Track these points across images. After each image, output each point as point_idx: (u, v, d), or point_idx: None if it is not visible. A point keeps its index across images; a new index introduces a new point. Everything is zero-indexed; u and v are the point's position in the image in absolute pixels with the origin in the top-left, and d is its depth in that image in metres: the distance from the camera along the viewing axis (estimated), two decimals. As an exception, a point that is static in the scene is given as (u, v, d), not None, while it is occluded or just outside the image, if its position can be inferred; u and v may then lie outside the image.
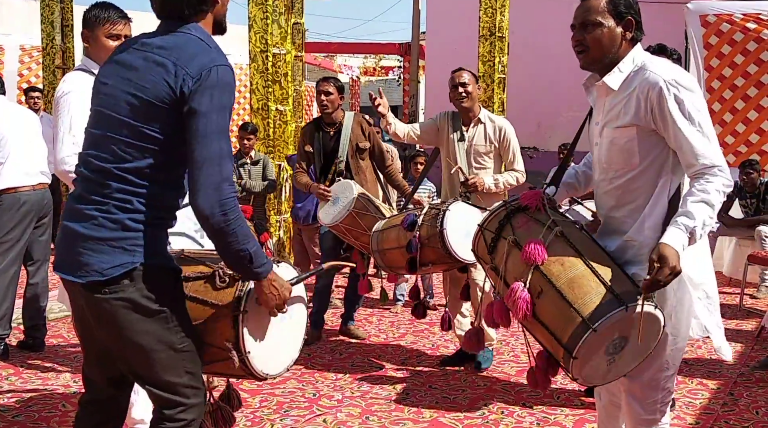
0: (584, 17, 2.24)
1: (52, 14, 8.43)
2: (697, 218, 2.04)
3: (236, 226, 1.91)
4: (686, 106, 2.12)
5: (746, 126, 7.76)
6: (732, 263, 6.99)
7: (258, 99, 6.80)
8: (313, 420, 3.55)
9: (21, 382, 4.00)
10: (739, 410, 3.71)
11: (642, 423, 2.34)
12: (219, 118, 1.90)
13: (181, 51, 1.93)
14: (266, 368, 2.18)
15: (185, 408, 2.04)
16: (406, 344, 4.91)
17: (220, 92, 1.91)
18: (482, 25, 8.86)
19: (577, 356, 2.01)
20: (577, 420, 3.55)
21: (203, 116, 1.88)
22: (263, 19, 6.66)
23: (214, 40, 2.03)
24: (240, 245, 1.93)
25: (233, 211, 1.90)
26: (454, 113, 4.36)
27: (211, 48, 1.97)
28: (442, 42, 16.03)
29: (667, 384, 2.32)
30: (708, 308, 2.28)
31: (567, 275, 2.09)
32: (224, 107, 1.92)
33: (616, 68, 2.23)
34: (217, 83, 1.90)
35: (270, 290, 2.04)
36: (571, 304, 2.03)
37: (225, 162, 1.90)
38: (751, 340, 4.97)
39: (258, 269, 2.00)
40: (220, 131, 1.90)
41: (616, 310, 2.00)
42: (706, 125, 2.14)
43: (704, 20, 7.71)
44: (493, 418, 3.59)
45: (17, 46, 12.49)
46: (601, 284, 2.05)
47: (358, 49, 26.06)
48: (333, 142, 4.78)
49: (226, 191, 1.89)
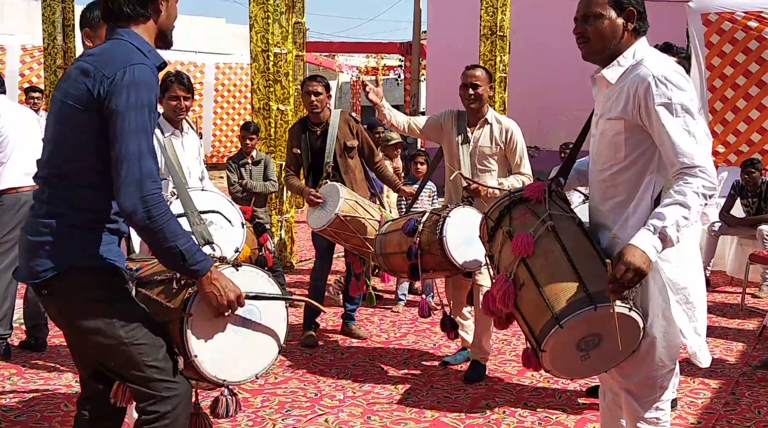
0: (586, 9, 2.24)
1: (53, 14, 8.43)
2: (668, 219, 2.01)
3: (162, 223, 1.93)
4: (673, 103, 2.09)
5: (748, 125, 7.75)
6: (734, 263, 6.99)
7: (259, 98, 6.80)
8: (315, 420, 3.55)
9: (23, 382, 4.01)
10: (741, 409, 3.71)
11: (641, 421, 2.34)
12: (137, 116, 1.93)
13: (104, 55, 1.99)
14: (222, 374, 2.17)
15: (155, 400, 2.08)
16: (408, 344, 4.91)
17: (136, 91, 1.93)
18: (483, 24, 8.86)
19: (545, 349, 2.08)
20: (579, 420, 3.55)
21: (120, 115, 1.92)
22: (264, 18, 6.67)
23: (149, 45, 2.06)
24: (168, 242, 1.94)
25: (157, 207, 1.92)
26: (460, 112, 4.20)
27: (134, 50, 2.00)
28: (443, 41, 16.04)
29: (664, 383, 2.32)
30: (686, 313, 2.26)
31: (548, 270, 2.15)
32: (142, 106, 1.94)
33: (616, 62, 2.22)
34: (132, 82, 1.93)
35: (210, 289, 2.04)
36: (546, 299, 2.09)
37: (145, 159, 1.93)
38: (753, 339, 4.97)
39: (193, 266, 2.00)
40: (138, 129, 1.92)
41: (585, 309, 2.04)
42: (693, 124, 2.09)
43: (705, 19, 7.70)
44: (494, 418, 3.59)
45: (19, 46, 12.51)
46: (578, 281, 2.09)
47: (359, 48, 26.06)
48: (320, 141, 4.73)
49: (149, 187, 1.92)
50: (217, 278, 2.05)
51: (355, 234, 4.26)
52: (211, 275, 2.04)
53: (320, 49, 23.00)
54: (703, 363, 2.29)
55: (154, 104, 1.99)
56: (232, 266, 2.23)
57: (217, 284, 2.04)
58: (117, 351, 2.06)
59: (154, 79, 1.99)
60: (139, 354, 2.06)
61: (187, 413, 2.16)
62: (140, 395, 2.10)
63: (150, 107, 1.96)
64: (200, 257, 2.02)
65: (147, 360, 2.07)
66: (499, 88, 8.86)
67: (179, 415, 2.12)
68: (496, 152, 4.10)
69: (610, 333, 2.07)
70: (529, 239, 2.18)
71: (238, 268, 2.24)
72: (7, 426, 3.41)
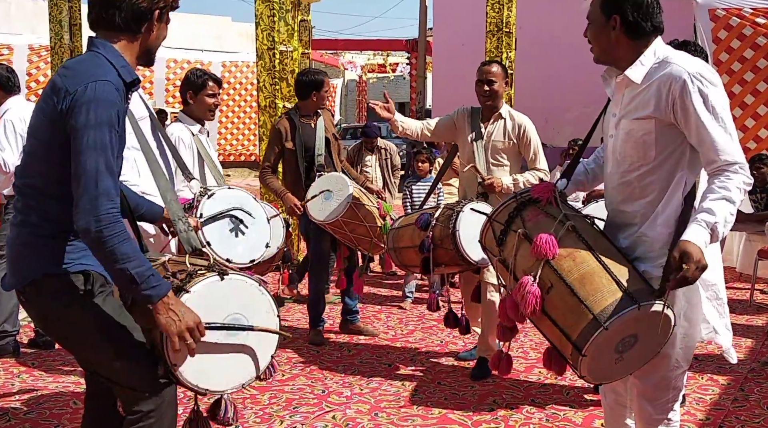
0: (587, 13, 2.28)
1: (60, 13, 8.46)
2: (718, 214, 2.00)
3: (113, 244, 1.89)
4: (710, 100, 2.07)
5: (756, 121, 7.70)
6: (742, 259, 6.96)
7: (265, 96, 6.81)
8: (322, 417, 3.56)
9: (32, 380, 4.03)
10: (749, 406, 3.69)
11: (653, 422, 2.32)
12: (96, 133, 1.89)
13: (74, 69, 1.98)
14: (204, 383, 2.13)
15: (138, 399, 2.09)
16: (415, 340, 4.91)
17: (95, 108, 1.90)
18: (489, 20, 8.83)
19: (587, 353, 1.99)
20: (587, 417, 3.55)
21: (79, 131, 1.90)
22: (270, 16, 6.67)
23: (124, 61, 2.03)
24: (119, 263, 1.91)
25: (110, 227, 1.89)
26: (473, 108, 4.19)
27: (104, 65, 1.98)
28: (449, 38, 15.99)
29: (677, 383, 2.30)
30: (718, 310, 2.25)
31: (578, 271, 2.06)
32: (101, 123, 1.90)
33: (638, 61, 2.20)
34: (93, 99, 1.90)
35: (168, 314, 1.96)
36: (583, 300, 2.00)
37: (102, 177, 1.89)
38: (761, 336, 4.95)
39: (145, 291, 1.94)
40: (96, 147, 1.89)
41: (629, 308, 1.96)
42: (729, 121, 2.09)
43: (713, 14, 7.66)
44: (502, 415, 3.58)
45: (26, 45, 12.55)
46: (613, 281, 2.02)
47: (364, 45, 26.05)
48: (313, 134, 4.71)
49: (104, 206, 1.89)
50: (174, 306, 1.97)
51: (362, 222, 4.27)
52: (167, 302, 1.97)
53: (326, 47, 23.01)
54: (734, 358, 2.28)
55: (116, 122, 1.94)
56: (218, 274, 2.14)
57: (174, 310, 1.97)
58: (94, 352, 2.11)
59: (116, 96, 1.94)
60: (118, 355, 2.07)
61: (172, 413, 2.15)
62: (123, 395, 2.13)
63: (111, 125, 1.92)
64: (154, 282, 1.95)
65: (125, 361, 2.08)
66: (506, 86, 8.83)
67: (164, 415, 2.11)
68: (509, 146, 4.08)
69: (646, 332, 2.04)
70: (553, 240, 2.09)
71: (224, 277, 2.14)
72: (17, 423, 3.43)
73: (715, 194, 2.04)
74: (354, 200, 4.24)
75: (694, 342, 2.31)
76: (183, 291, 2.08)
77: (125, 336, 2.09)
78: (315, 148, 4.65)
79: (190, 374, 2.09)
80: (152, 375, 2.10)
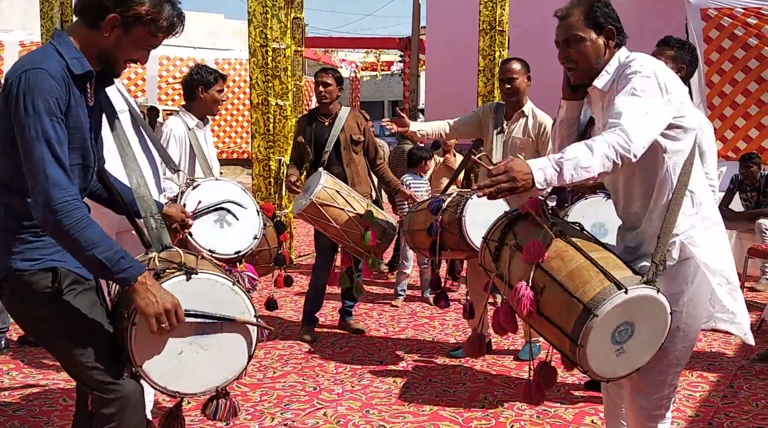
0: (566, 34, 2.27)
1: (51, 10, 8.40)
2: (567, 153, 1.98)
3: (76, 231, 1.86)
4: (632, 83, 2.11)
5: (746, 121, 7.74)
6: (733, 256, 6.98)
7: (258, 94, 6.80)
8: (314, 414, 3.56)
9: (22, 377, 4.01)
10: (739, 402, 3.72)
11: (647, 418, 2.33)
12: (36, 123, 1.85)
13: (19, 61, 1.95)
14: (174, 385, 2.05)
15: (103, 403, 2.05)
16: (407, 338, 4.92)
17: (31, 97, 1.85)
18: (482, 19, 8.85)
19: (582, 343, 2.02)
20: (577, 413, 3.56)
21: (20, 123, 1.86)
22: (263, 13, 6.66)
23: (77, 53, 1.97)
24: (86, 250, 1.88)
25: (68, 215, 1.85)
26: (498, 104, 4.31)
27: (49, 53, 1.93)
28: (442, 36, 16.01)
29: (674, 381, 2.33)
30: (731, 294, 2.27)
31: (567, 268, 2.12)
32: (40, 113, 1.86)
33: (604, 71, 2.26)
34: (27, 88, 1.86)
35: (146, 296, 1.91)
36: (573, 294, 2.05)
37: (50, 167, 1.85)
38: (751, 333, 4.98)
39: (119, 274, 1.91)
40: (39, 137, 1.85)
41: (616, 294, 2.01)
42: (642, 104, 2.07)
43: (705, 14, 7.70)
44: (493, 411, 3.59)
45: (17, 42, 12.49)
46: (600, 272, 2.07)
47: (358, 43, 26.06)
48: (327, 133, 4.75)
49: (57, 196, 1.85)
50: (152, 287, 1.92)
51: (330, 223, 4.29)
52: (145, 282, 1.92)
53: (319, 45, 22.99)
54: (751, 340, 2.31)
55: (56, 110, 1.88)
56: (184, 274, 2.05)
57: (153, 291, 1.92)
58: (61, 350, 2.07)
59: (52, 84, 1.88)
60: (81, 354, 2.02)
61: (137, 416, 2.09)
62: (92, 397, 2.10)
63: (50, 113, 1.86)
64: (125, 265, 1.91)
65: (88, 361, 2.03)
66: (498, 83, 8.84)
67: (126, 419, 2.05)
68: (529, 144, 4.13)
69: (643, 321, 2.08)
70: (540, 244, 2.16)
71: (191, 276, 2.05)
72: (6, 420, 3.41)
73: (582, 141, 2.05)
74: (320, 197, 4.28)
75: (694, 340, 2.33)
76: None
77: (91, 336, 2.04)
78: (325, 145, 4.71)
79: (157, 375, 2.02)
80: (115, 378, 2.04)
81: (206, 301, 2.06)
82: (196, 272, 2.06)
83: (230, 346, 2.10)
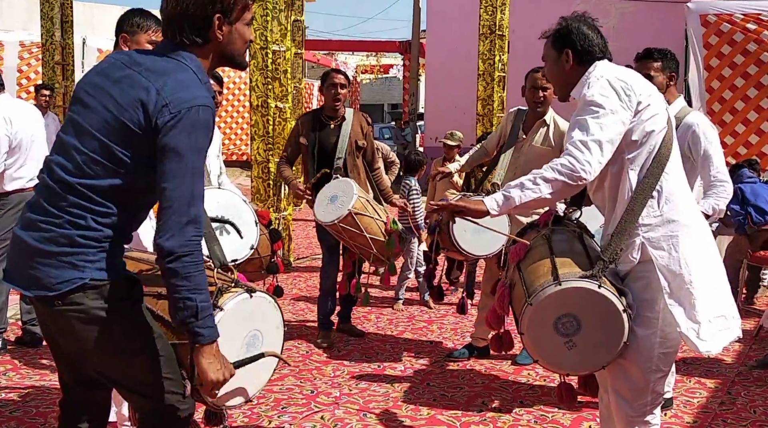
0: (543, 53, 2.50)
1: (51, 10, 8.41)
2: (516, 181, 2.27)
3: (192, 272, 1.85)
4: (584, 99, 2.26)
5: (746, 127, 7.74)
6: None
7: (258, 96, 6.79)
8: (311, 417, 3.55)
9: (19, 377, 4.00)
10: (736, 409, 3.71)
11: (630, 423, 2.35)
12: (194, 158, 1.86)
13: (168, 79, 1.87)
14: (221, 399, 2.13)
15: (164, 413, 2.03)
16: (404, 341, 4.91)
17: (197, 133, 1.86)
18: (482, 23, 8.86)
19: (522, 330, 2.23)
20: (575, 419, 3.55)
21: (178, 154, 1.83)
22: (263, 16, 6.66)
23: (206, 76, 1.97)
24: (190, 292, 1.85)
25: (193, 255, 1.85)
26: (520, 110, 4.33)
27: (200, 84, 1.92)
28: (442, 40, 16.03)
29: (656, 387, 2.33)
30: (680, 299, 2.27)
31: (531, 265, 2.34)
32: (201, 149, 1.88)
33: (581, 81, 2.38)
34: (195, 123, 1.85)
35: (211, 360, 1.90)
36: (527, 288, 2.26)
37: (195, 203, 1.86)
38: (749, 339, 4.97)
39: (201, 329, 1.87)
40: (194, 172, 1.86)
41: (549, 284, 2.17)
42: (591, 117, 2.21)
43: (704, 20, 7.70)
44: (490, 416, 3.59)
45: (17, 42, 12.47)
46: (551, 268, 2.24)
47: (358, 46, 26.06)
48: (334, 137, 4.68)
49: (190, 233, 1.84)
50: (217, 353, 1.92)
51: (362, 232, 4.27)
52: (215, 348, 1.91)
53: (319, 48, 22.99)
54: (700, 348, 2.24)
55: (208, 147, 1.92)
56: (247, 292, 2.17)
57: (216, 361, 1.92)
58: (122, 362, 2.00)
59: (213, 121, 1.91)
60: (157, 365, 2.00)
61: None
62: (141, 406, 2.06)
63: (205, 150, 1.89)
64: (211, 323, 1.90)
65: (165, 372, 2.01)
66: (498, 88, 8.85)
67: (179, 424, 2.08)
68: (549, 152, 4.09)
69: (590, 315, 2.18)
70: (521, 246, 2.40)
71: (252, 295, 2.18)
72: (3, 421, 3.40)
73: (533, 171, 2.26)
74: (356, 207, 4.25)
75: (675, 346, 2.32)
76: (216, 308, 2.06)
77: (166, 348, 2.03)
78: (336, 150, 4.64)
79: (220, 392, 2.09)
80: (184, 390, 2.06)
81: (258, 317, 2.22)
82: (255, 290, 2.21)
83: (263, 362, 2.25)
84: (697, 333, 2.22)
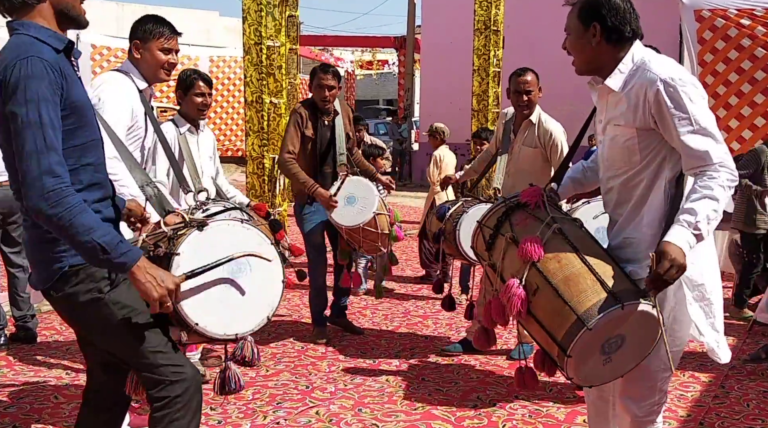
0: (566, 23, 2.27)
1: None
2: (700, 213, 2.01)
3: (70, 218, 1.84)
4: (684, 104, 2.08)
5: (739, 122, 7.76)
6: (725, 257, 7.01)
7: (252, 91, 6.78)
8: (306, 412, 3.55)
9: (13, 374, 4.00)
10: (730, 402, 3.73)
11: (638, 424, 2.33)
12: (31, 111, 1.84)
13: (4, 55, 1.91)
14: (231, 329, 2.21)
15: (164, 385, 2.10)
16: (400, 336, 4.92)
17: (27, 85, 1.84)
18: (477, 18, 8.86)
19: (572, 354, 1.98)
20: (569, 413, 3.57)
21: (15, 113, 1.84)
22: (257, 11, 6.64)
23: (48, 31, 1.96)
24: (82, 236, 1.85)
25: (62, 203, 1.83)
26: (509, 111, 4.37)
27: (29, 42, 1.91)
28: (437, 35, 16.01)
29: (663, 386, 2.32)
30: (703, 310, 2.25)
31: (563, 273, 2.06)
32: (36, 100, 1.84)
33: (617, 69, 2.20)
34: (21, 77, 1.84)
35: (146, 278, 1.93)
36: (567, 302, 2.00)
37: (43, 155, 1.83)
38: (742, 333, 5.00)
39: (117, 259, 1.90)
40: (33, 125, 1.83)
41: (612, 308, 1.96)
42: (706, 121, 2.09)
43: (699, 15, 7.71)
44: (485, 410, 3.60)
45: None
46: (597, 282, 2.02)
47: (353, 42, 26.02)
48: (329, 132, 4.63)
49: (49, 183, 1.83)
50: (150, 269, 1.94)
51: (377, 231, 4.32)
52: (143, 266, 1.93)
53: (314, 43, 22.92)
54: (722, 359, 2.25)
55: (50, 95, 1.87)
56: (196, 228, 2.21)
57: (150, 276, 1.94)
58: (122, 339, 2.09)
59: (46, 70, 1.86)
60: (143, 340, 2.08)
61: (198, 398, 2.17)
62: (150, 381, 2.13)
63: (45, 99, 1.85)
64: (124, 248, 1.91)
65: (151, 346, 2.09)
66: (493, 83, 8.86)
67: (191, 398, 2.13)
68: (536, 152, 4.15)
69: (633, 333, 2.04)
70: (538, 243, 2.11)
71: (203, 228, 2.21)
72: (-3, 417, 3.40)
73: (697, 194, 2.05)
74: (378, 209, 4.29)
75: (683, 345, 2.32)
76: (173, 255, 2.13)
77: (150, 322, 2.10)
78: (336, 146, 4.57)
79: (214, 326, 2.16)
80: (178, 361, 2.13)
81: (224, 245, 2.21)
82: (207, 223, 2.22)
83: (264, 277, 2.28)
84: (718, 344, 2.24)
